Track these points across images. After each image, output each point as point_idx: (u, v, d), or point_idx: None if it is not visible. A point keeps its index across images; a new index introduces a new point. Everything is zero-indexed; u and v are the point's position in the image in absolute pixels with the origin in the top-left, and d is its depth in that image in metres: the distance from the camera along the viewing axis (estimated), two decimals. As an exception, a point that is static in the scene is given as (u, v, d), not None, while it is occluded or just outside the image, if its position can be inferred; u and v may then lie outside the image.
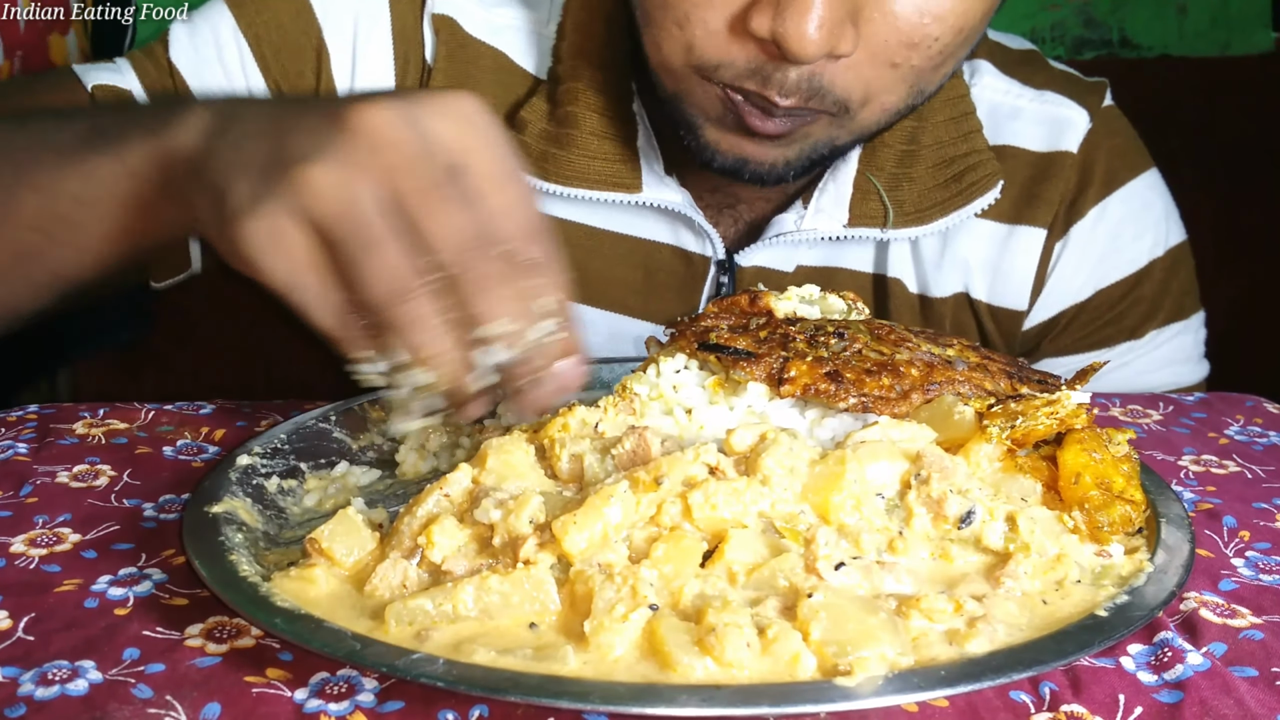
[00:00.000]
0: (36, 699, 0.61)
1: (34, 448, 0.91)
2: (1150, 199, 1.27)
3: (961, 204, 1.16)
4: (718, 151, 1.02)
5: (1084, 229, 1.23)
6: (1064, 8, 2.55)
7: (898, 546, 0.69)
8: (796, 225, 1.15)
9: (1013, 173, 1.21)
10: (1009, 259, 1.22)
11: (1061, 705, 0.62)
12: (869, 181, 1.16)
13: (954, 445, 0.76)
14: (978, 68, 1.24)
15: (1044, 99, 1.24)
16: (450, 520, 0.68)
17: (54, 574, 0.73)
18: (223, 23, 1.15)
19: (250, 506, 0.78)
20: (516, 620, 0.64)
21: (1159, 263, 1.26)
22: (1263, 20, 2.53)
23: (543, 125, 1.14)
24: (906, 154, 1.17)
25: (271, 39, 1.15)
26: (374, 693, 0.62)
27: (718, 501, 0.68)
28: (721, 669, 0.59)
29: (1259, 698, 0.63)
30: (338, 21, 1.16)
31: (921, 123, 1.17)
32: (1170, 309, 1.27)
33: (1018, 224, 1.22)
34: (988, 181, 1.17)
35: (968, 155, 1.18)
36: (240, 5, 1.16)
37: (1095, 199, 1.23)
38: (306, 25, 1.16)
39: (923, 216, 1.16)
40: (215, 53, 1.15)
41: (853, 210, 1.16)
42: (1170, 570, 0.69)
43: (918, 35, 0.95)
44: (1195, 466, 0.94)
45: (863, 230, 1.15)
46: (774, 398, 0.80)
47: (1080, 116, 1.23)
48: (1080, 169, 1.23)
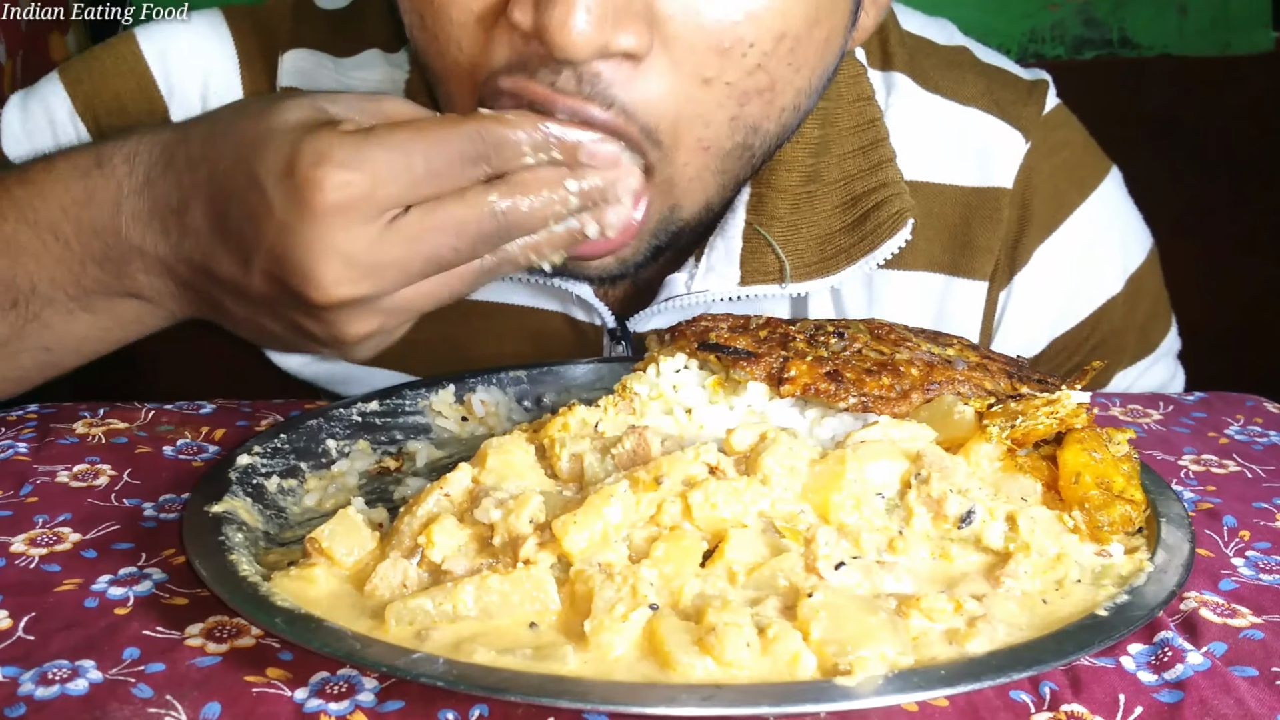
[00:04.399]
0: (36, 699, 0.61)
1: (34, 447, 0.91)
2: (1105, 221, 1.15)
3: (869, 249, 1.03)
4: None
5: (1029, 276, 1.11)
6: (1064, 8, 2.55)
7: (898, 546, 0.69)
8: (687, 287, 1.03)
9: (942, 213, 1.08)
10: (949, 313, 1.10)
11: (1061, 705, 0.62)
12: (758, 234, 1.02)
13: (954, 445, 0.76)
14: (894, 84, 1.10)
15: (971, 121, 1.10)
16: (450, 520, 0.68)
17: (54, 573, 0.73)
18: (58, 104, 1.08)
19: (250, 506, 0.78)
20: (516, 620, 0.64)
21: (1118, 299, 1.15)
22: (1263, 20, 2.53)
23: None
24: (804, 196, 1.03)
25: (112, 119, 1.07)
26: (374, 692, 0.62)
27: (718, 501, 0.68)
28: (721, 669, 0.59)
29: (1259, 697, 0.63)
30: (184, 98, 1.09)
31: (822, 158, 1.04)
32: (1135, 344, 1.18)
33: (954, 275, 1.10)
34: (897, 221, 1.03)
35: (876, 191, 1.04)
36: (75, 83, 1.08)
37: (1039, 238, 1.11)
38: (150, 102, 1.08)
39: (827, 266, 1.03)
40: (51, 137, 1.07)
41: (744, 266, 1.02)
42: (1170, 570, 0.69)
43: (728, 39, 0.81)
44: (1195, 466, 0.94)
45: (758, 288, 1.02)
46: (774, 397, 0.80)
47: (1013, 140, 1.10)
48: (1019, 205, 1.10)
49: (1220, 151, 2.23)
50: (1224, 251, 2.12)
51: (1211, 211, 2.09)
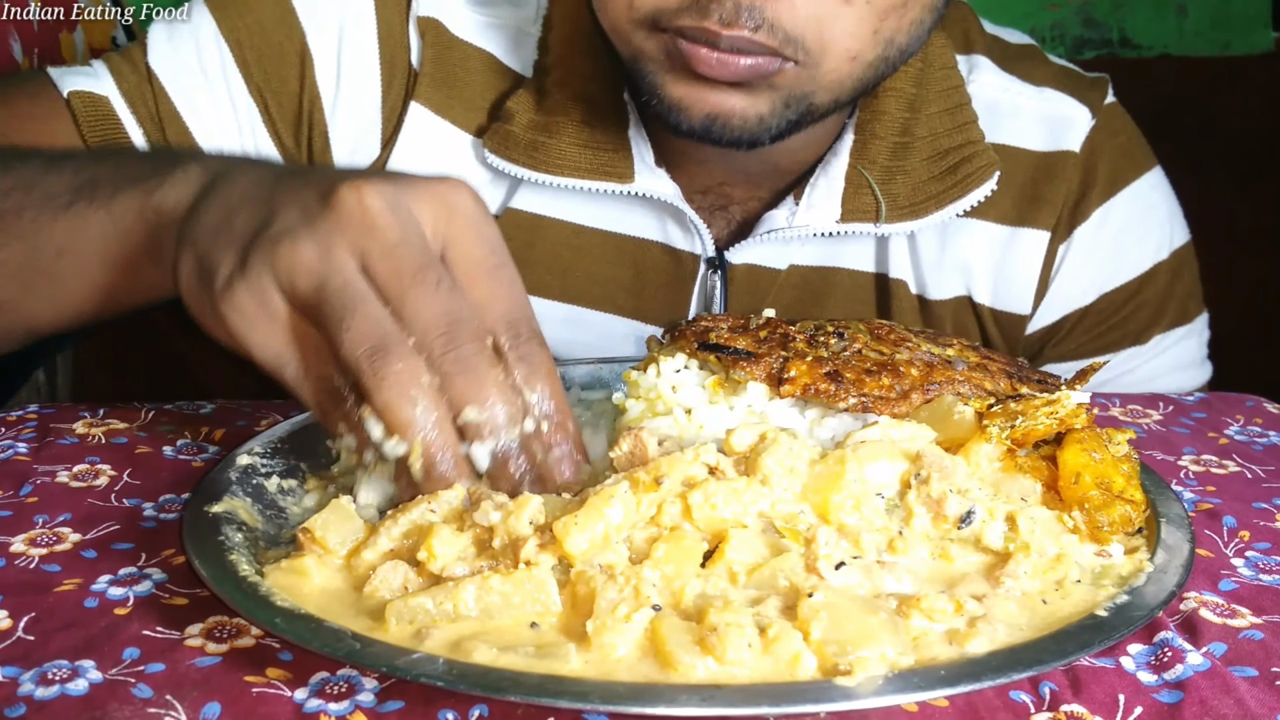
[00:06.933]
0: (36, 699, 0.61)
1: (34, 448, 0.91)
2: (1155, 200, 1.25)
3: (958, 196, 1.13)
4: (683, 109, 0.98)
5: (1088, 231, 1.21)
6: (1064, 8, 2.55)
7: (898, 546, 0.69)
8: (788, 221, 1.13)
9: (1013, 173, 1.18)
10: (1012, 262, 1.20)
11: (1061, 705, 0.62)
12: (861, 175, 1.13)
13: (954, 445, 0.76)
14: (975, 64, 1.21)
15: (1044, 96, 1.21)
16: (446, 530, 0.68)
17: (54, 574, 0.73)
18: (204, 26, 1.13)
19: (250, 506, 0.78)
20: (517, 620, 0.64)
21: (1164, 265, 1.24)
22: (1263, 20, 2.53)
23: (531, 115, 1.12)
24: (900, 146, 1.14)
25: (254, 43, 1.13)
26: (374, 692, 0.62)
27: (718, 501, 0.68)
28: (722, 669, 0.59)
29: (1259, 698, 0.63)
30: (322, 25, 1.14)
31: (915, 114, 1.14)
32: (1175, 313, 1.26)
33: (1020, 226, 1.20)
34: (984, 173, 1.14)
35: (963, 147, 1.15)
36: (222, 8, 1.13)
37: (1099, 200, 1.21)
38: (290, 29, 1.13)
39: (918, 210, 1.14)
40: (195, 57, 1.12)
41: (845, 204, 1.13)
42: (1170, 570, 0.69)
43: None
44: (1195, 466, 0.94)
45: (856, 225, 1.13)
46: (774, 397, 0.80)
47: (1082, 114, 1.21)
48: (1083, 169, 1.21)
49: (1220, 151, 2.23)
50: (1224, 251, 2.11)
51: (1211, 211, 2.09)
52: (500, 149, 1.12)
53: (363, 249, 0.70)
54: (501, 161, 1.12)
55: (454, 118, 1.15)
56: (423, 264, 0.70)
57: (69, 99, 1.09)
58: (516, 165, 1.11)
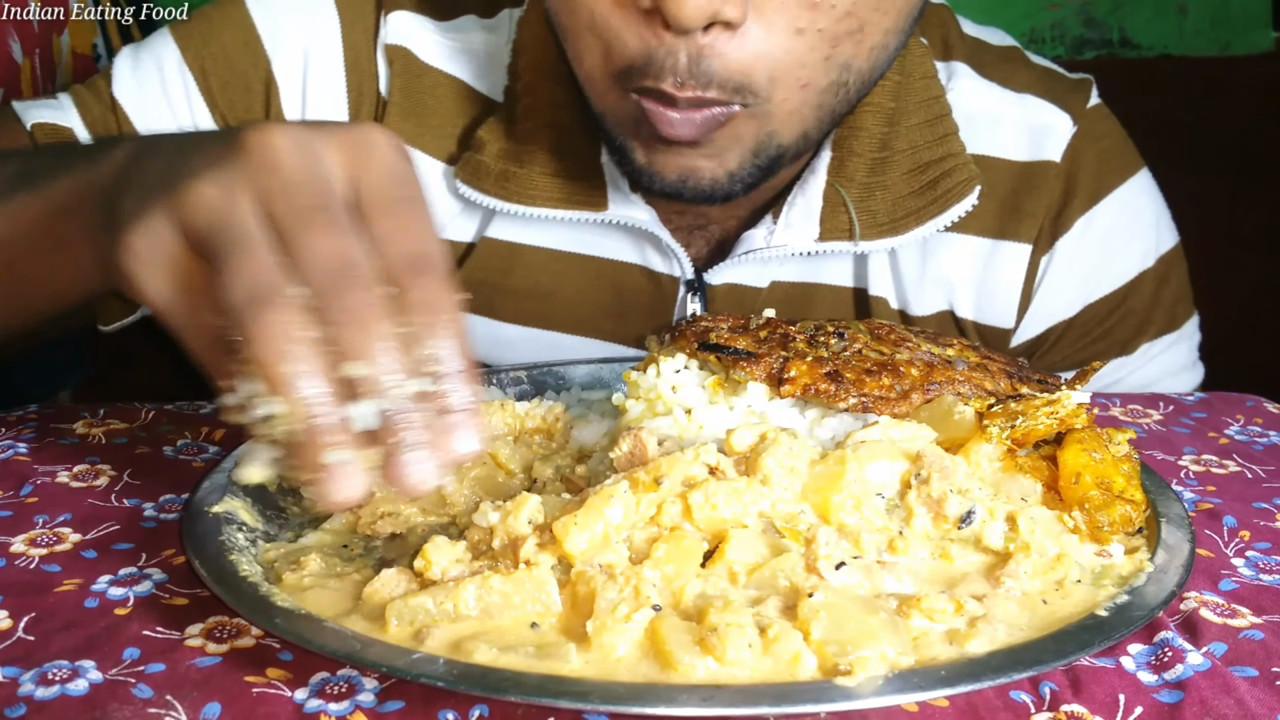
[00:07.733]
0: (36, 699, 0.61)
1: (34, 448, 0.91)
2: (1140, 205, 1.23)
3: (938, 211, 1.11)
4: (653, 171, 0.98)
5: (1070, 242, 1.19)
6: (1064, 8, 2.56)
7: (898, 546, 0.69)
8: (766, 241, 1.12)
9: (994, 184, 1.16)
10: (993, 276, 1.18)
11: (1061, 705, 0.62)
12: (839, 194, 1.11)
13: (954, 445, 0.76)
14: (954, 71, 1.19)
15: (1025, 104, 1.19)
16: (441, 538, 0.68)
17: (54, 574, 0.73)
18: (167, 55, 1.12)
19: (250, 506, 0.78)
20: (517, 620, 0.64)
21: (1149, 274, 1.23)
22: (1263, 20, 2.53)
23: (501, 144, 1.10)
24: (878, 161, 1.12)
25: (218, 71, 1.11)
26: (374, 693, 0.62)
27: (718, 501, 0.68)
28: (722, 669, 0.59)
29: (1259, 698, 0.63)
30: (287, 53, 1.12)
31: (894, 128, 1.12)
32: (1162, 320, 1.24)
33: (1001, 239, 1.18)
34: (964, 188, 1.12)
35: (944, 160, 1.13)
36: (186, 36, 1.12)
37: (1081, 209, 1.19)
38: (255, 58, 1.12)
39: (897, 226, 1.12)
40: (160, 87, 1.11)
41: (823, 224, 1.11)
42: (1170, 570, 0.69)
43: None
44: (1195, 466, 0.94)
45: (834, 244, 1.11)
46: (774, 398, 0.80)
47: (1063, 122, 1.19)
48: (1065, 178, 1.18)
49: (1220, 151, 2.23)
50: (1224, 251, 2.12)
51: (1211, 211, 2.09)
52: (472, 179, 1.10)
53: (264, 189, 0.64)
54: (473, 192, 1.10)
55: (425, 145, 1.13)
56: (317, 204, 0.64)
57: (32, 131, 1.08)
58: (488, 196, 1.10)
